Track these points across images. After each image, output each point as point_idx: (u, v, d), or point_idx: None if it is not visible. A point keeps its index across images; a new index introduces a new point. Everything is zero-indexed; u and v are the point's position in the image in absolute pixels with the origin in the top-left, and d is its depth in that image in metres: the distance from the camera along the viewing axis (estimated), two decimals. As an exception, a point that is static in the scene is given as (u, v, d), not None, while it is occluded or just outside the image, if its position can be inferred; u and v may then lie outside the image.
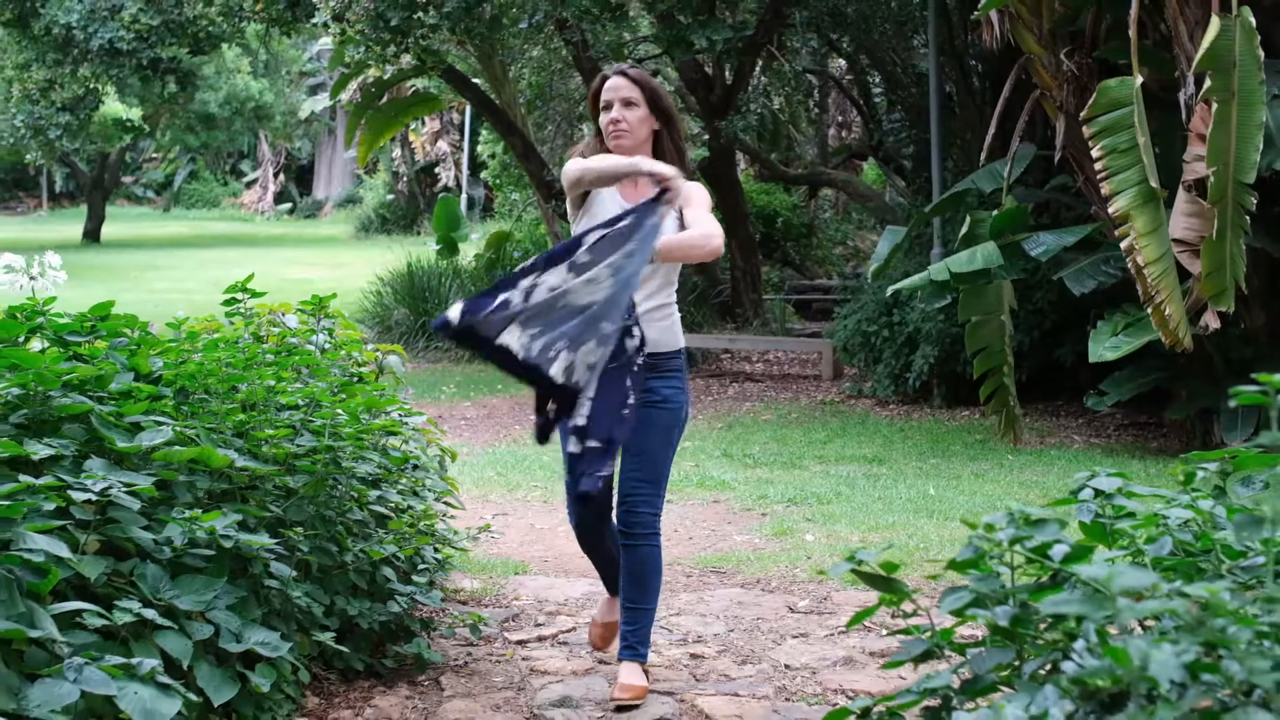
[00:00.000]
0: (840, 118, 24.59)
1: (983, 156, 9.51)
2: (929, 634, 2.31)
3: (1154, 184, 7.34)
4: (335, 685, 4.04)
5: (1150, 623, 1.90)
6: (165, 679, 2.78)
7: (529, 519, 7.00)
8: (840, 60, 17.35)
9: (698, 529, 6.77)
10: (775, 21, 13.41)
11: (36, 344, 3.95)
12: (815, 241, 20.20)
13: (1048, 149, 9.30)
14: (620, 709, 3.96)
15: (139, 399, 3.67)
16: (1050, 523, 2.03)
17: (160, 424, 3.54)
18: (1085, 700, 1.61)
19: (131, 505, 3.20)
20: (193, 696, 2.86)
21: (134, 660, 2.76)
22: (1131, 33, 7.62)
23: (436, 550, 4.89)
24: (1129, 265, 7.55)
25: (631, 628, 4.13)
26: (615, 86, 4.15)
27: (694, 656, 4.51)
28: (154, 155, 47.01)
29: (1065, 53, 8.61)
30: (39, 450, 3.18)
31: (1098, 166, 7.57)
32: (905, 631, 2.34)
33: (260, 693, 3.34)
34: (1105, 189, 7.53)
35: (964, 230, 9.08)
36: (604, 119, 4.15)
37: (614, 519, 4.20)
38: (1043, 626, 2.01)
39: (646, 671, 4.15)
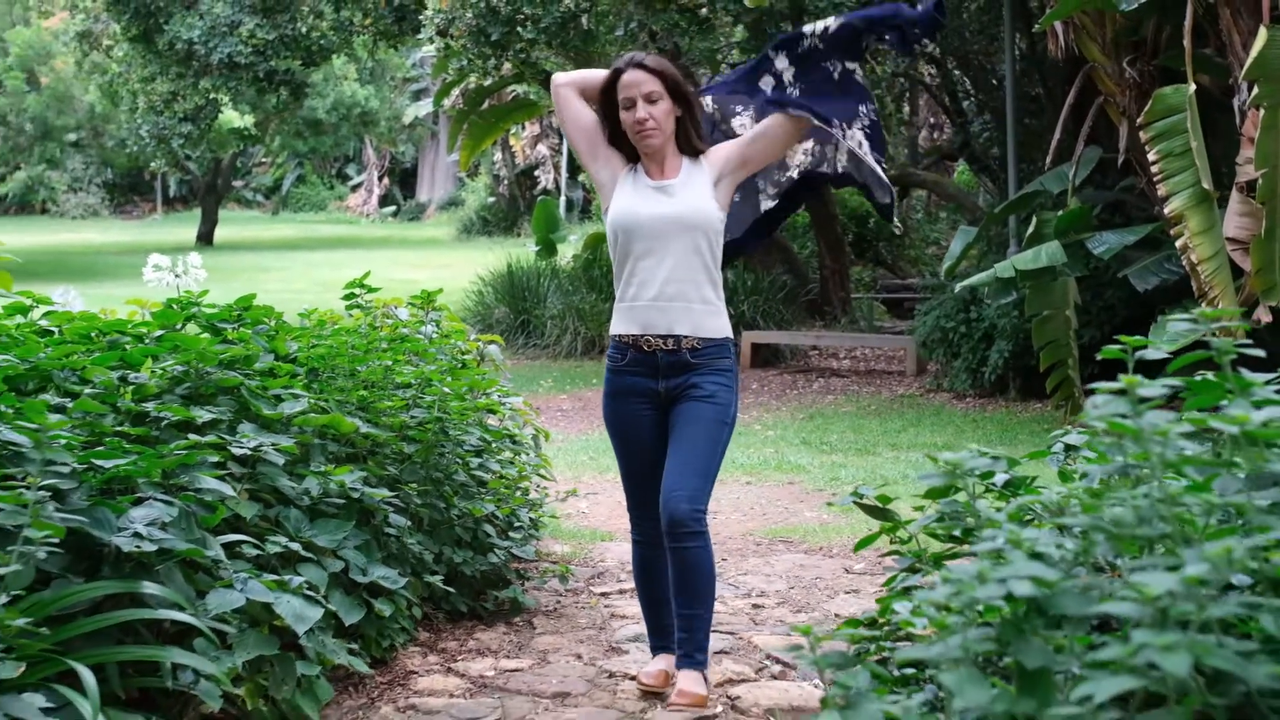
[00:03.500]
0: (932, 119, 24.97)
1: (1048, 159, 9.96)
2: (916, 555, 2.88)
3: (1206, 186, 7.76)
4: (442, 623, 4.70)
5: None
6: (311, 594, 3.44)
7: (618, 497, 7.59)
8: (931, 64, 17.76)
9: (772, 507, 7.34)
10: (861, 29, 13.86)
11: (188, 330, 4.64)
12: (908, 241, 20.61)
13: (1116, 152, 9.72)
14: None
15: (279, 375, 4.36)
16: (1000, 459, 2.59)
17: (297, 396, 4.22)
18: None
19: (277, 461, 3.87)
20: (332, 607, 3.53)
21: (286, 577, 3.42)
22: (1186, 42, 8.06)
23: (530, 512, 5.55)
24: (1184, 263, 7.98)
25: (686, 634, 3.89)
26: (636, 81, 3.82)
27: (755, 606, 5.10)
28: (263, 160, 48.55)
29: (1128, 61, 9.04)
30: (202, 415, 3.85)
31: (1154, 169, 8.00)
32: (897, 554, 2.91)
33: (382, 618, 4.00)
34: (1161, 190, 7.96)
35: (1030, 230, 9.54)
36: (628, 118, 3.83)
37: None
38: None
39: (707, 679, 3.91)
